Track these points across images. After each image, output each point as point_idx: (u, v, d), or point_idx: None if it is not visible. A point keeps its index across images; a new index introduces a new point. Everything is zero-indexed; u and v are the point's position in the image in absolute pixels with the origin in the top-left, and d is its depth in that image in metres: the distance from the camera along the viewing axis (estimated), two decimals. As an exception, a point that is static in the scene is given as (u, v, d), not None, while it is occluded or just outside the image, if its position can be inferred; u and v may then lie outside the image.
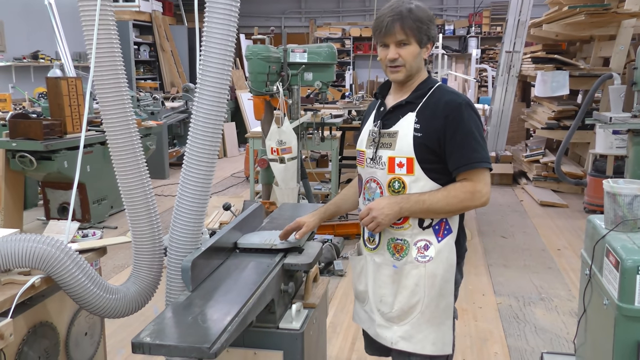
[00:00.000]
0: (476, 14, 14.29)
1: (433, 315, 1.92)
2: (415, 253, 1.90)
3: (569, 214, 6.34)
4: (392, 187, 1.90)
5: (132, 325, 3.44)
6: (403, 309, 1.93)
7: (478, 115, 1.90)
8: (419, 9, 1.87)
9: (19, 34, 8.79)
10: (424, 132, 1.86)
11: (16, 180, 5.57)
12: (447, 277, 1.91)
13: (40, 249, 1.79)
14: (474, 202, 1.86)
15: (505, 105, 7.75)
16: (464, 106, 1.86)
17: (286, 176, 4.68)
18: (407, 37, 1.85)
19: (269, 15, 15.28)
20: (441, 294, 1.91)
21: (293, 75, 4.81)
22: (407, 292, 1.92)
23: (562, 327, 3.62)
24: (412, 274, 1.91)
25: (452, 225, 1.92)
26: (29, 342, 1.94)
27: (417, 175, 1.87)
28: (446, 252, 1.91)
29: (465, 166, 1.84)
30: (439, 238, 1.91)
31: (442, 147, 1.85)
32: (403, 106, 1.93)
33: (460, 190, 1.85)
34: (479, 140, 1.86)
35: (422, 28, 1.85)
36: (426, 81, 1.95)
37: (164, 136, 8.17)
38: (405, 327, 1.94)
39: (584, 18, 6.47)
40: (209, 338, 1.50)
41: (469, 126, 1.85)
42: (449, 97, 1.89)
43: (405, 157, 1.87)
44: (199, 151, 1.97)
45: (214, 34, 1.91)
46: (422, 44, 1.88)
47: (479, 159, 1.84)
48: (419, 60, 1.90)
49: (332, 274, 4.48)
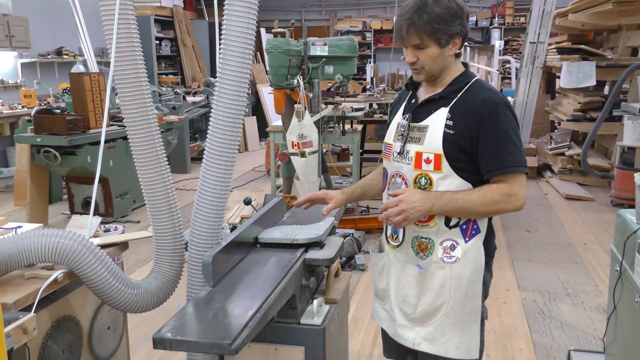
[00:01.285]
0: (499, 4, 14.06)
1: (458, 318, 1.84)
2: (441, 253, 1.82)
3: (595, 208, 6.22)
4: (419, 183, 1.82)
5: (154, 319, 3.46)
6: (427, 311, 1.86)
7: (515, 115, 1.80)
8: (439, 4, 1.73)
9: (43, 30, 8.91)
10: (457, 130, 1.77)
11: (41, 175, 5.66)
12: (475, 278, 1.83)
13: (63, 243, 1.80)
14: (510, 206, 1.78)
15: (529, 97, 7.63)
16: (502, 105, 1.76)
17: (307, 170, 4.66)
18: (422, 41, 1.76)
19: (289, 9, 15.24)
20: (467, 297, 1.83)
21: (314, 68, 4.78)
22: (431, 294, 1.84)
23: (589, 324, 3.55)
24: (438, 274, 1.83)
25: (481, 225, 1.84)
26: (52, 336, 1.96)
27: (445, 172, 1.78)
28: (473, 253, 1.82)
29: (500, 170, 1.76)
30: (467, 238, 1.82)
31: (475, 146, 1.77)
32: (436, 100, 1.84)
33: (497, 192, 1.76)
34: (516, 142, 1.76)
35: (438, 29, 1.73)
36: (462, 75, 1.85)
37: (186, 131, 8.22)
38: (428, 328, 1.87)
39: (611, 7, 6.32)
40: (229, 334, 1.48)
41: (505, 127, 1.75)
42: (486, 94, 1.78)
43: (434, 153, 1.78)
44: (219, 145, 1.96)
45: (233, 28, 1.89)
46: (442, 43, 1.76)
47: (516, 162, 1.76)
48: (441, 59, 1.80)
49: (354, 269, 4.45)
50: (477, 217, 1.82)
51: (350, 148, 6.45)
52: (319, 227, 2.21)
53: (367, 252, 4.81)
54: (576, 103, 7.51)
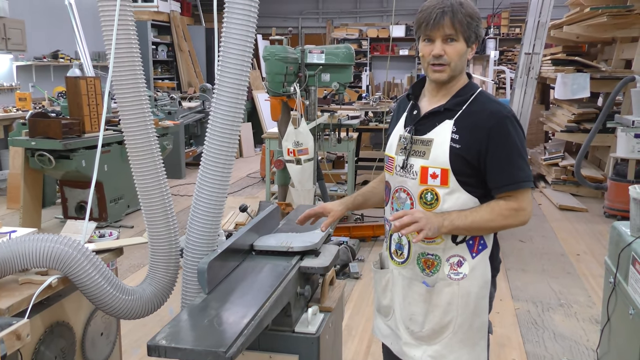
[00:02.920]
0: (495, 15, 14.16)
1: (466, 335, 1.80)
2: (448, 269, 1.78)
3: (588, 219, 6.24)
4: (424, 199, 1.76)
5: (147, 324, 3.45)
6: (434, 329, 1.81)
7: (522, 129, 1.77)
8: (469, 4, 1.72)
9: (39, 33, 8.89)
10: (463, 144, 1.71)
11: (35, 178, 5.63)
12: (482, 294, 1.80)
13: (58, 249, 1.79)
14: (518, 221, 1.74)
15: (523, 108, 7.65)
16: (511, 119, 1.72)
17: (302, 177, 4.66)
18: (455, 33, 1.69)
19: (286, 16, 15.29)
20: (475, 313, 1.79)
21: (310, 76, 4.79)
22: (439, 312, 1.80)
23: (582, 334, 3.56)
24: (445, 291, 1.78)
25: (487, 240, 1.80)
26: (45, 342, 1.94)
27: (452, 188, 1.73)
28: (481, 269, 1.79)
29: (511, 185, 1.72)
30: (473, 254, 1.78)
31: (482, 160, 1.72)
32: (440, 112, 1.77)
33: (506, 208, 1.72)
34: (524, 156, 1.74)
35: (471, 24, 1.71)
36: (467, 86, 1.79)
37: (181, 136, 8.21)
38: (435, 347, 1.81)
39: (606, 19, 6.38)
40: (224, 342, 1.48)
41: (514, 142, 1.71)
42: (494, 107, 1.74)
43: (440, 168, 1.72)
44: (217, 152, 1.96)
45: (232, 35, 1.90)
46: (470, 42, 1.73)
47: (524, 178, 1.72)
48: (464, 60, 1.75)
49: (348, 277, 4.45)
50: (486, 233, 1.79)
51: (346, 156, 6.46)
52: (314, 235, 2.20)
53: (361, 260, 4.81)
54: (570, 114, 7.56)
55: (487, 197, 1.76)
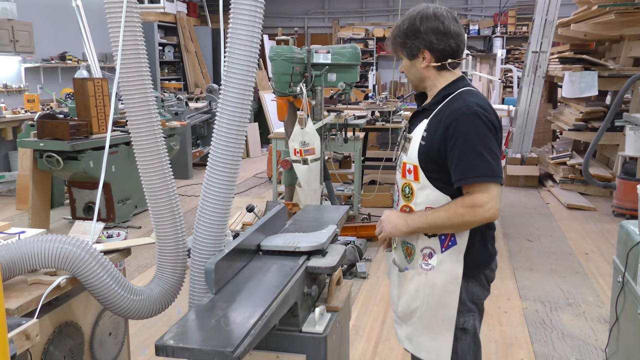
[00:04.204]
0: (502, 13, 14.11)
1: (430, 323, 1.91)
2: (420, 260, 1.90)
3: (597, 218, 6.21)
4: (404, 192, 1.92)
5: (155, 325, 3.46)
6: (405, 312, 1.97)
7: (489, 123, 1.76)
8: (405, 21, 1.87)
9: (47, 35, 8.94)
10: (427, 141, 1.82)
11: (43, 179, 5.67)
12: (449, 288, 1.86)
13: (66, 249, 1.81)
14: (476, 217, 1.75)
15: (531, 107, 7.64)
16: (469, 115, 1.75)
17: (309, 177, 4.67)
18: (395, 53, 1.95)
19: (292, 16, 15.30)
20: (440, 304, 1.87)
21: (317, 76, 4.79)
22: (408, 296, 1.94)
23: (591, 334, 3.54)
24: (415, 279, 1.92)
25: (459, 238, 1.84)
26: (54, 342, 1.96)
27: (422, 183, 1.85)
28: (448, 264, 1.85)
29: (462, 180, 1.76)
30: (443, 249, 1.86)
31: (443, 158, 1.80)
32: (421, 112, 1.94)
33: (461, 204, 1.76)
34: (481, 151, 1.73)
35: (405, 43, 1.87)
36: (447, 87, 1.87)
37: (188, 136, 8.23)
38: (409, 328, 1.98)
39: (614, 17, 6.34)
40: (231, 342, 1.48)
41: (469, 137, 1.74)
42: (456, 105, 1.79)
43: (412, 164, 1.86)
44: (224, 152, 1.96)
45: (238, 35, 1.90)
46: (411, 55, 1.89)
47: (478, 173, 1.73)
48: (414, 71, 1.92)
49: (355, 276, 4.45)
50: (449, 231, 1.84)
51: (352, 156, 6.46)
52: (321, 235, 2.21)
53: (368, 260, 4.81)
54: (578, 113, 7.52)
55: (459, 195, 1.80)
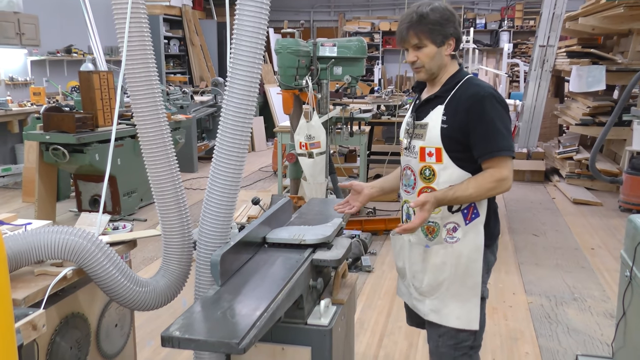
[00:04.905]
0: (509, 7, 14.02)
1: (458, 291, 2.05)
2: (445, 234, 2.05)
3: (603, 213, 6.18)
4: (424, 175, 2.05)
5: (161, 316, 3.48)
6: (432, 285, 2.09)
7: (502, 104, 1.99)
8: (434, 11, 1.97)
9: (53, 28, 8.94)
10: (450, 124, 1.98)
11: (49, 172, 5.69)
12: (474, 257, 2.03)
13: (73, 241, 1.81)
14: (500, 189, 1.97)
15: (537, 101, 7.59)
16: (487, 98, 1.96)
17: (314, 171, 4.66)
18: (420, 41, 1.99)
19: (298, 10, 15.26)
20: (467, 273, 2.04)
21: (322, 69, 4.78)
22: (435, 269, 2.07)
23: (597, 329, 3.53)
24: (440, 253, 2.05)
25: (480, 209, 2.03)
26: (61, 333, 1.97)
27: (445, 164, 2.00)
28: (472, 234, 2.02)
29: (488, 154, 1.96)
30: (467, 221, 2.03)
31: (466, 136, 1.97)
32: (433, 99, 2.06)
33: (489, 179, 1.95)
34: (501, 129, 1.95)
35: (434, 29, 1.97)
36: (455, 75, 2.05)
37: (193, 130, 8.23)
38: (434, 301, 2.10)
39: (622, 11, 6.29)
40: (237, 333, 1.49)
41: (490, 117, 1.95)
42: (473, 89, 1.99)
43: (434, 147, 2.01)
44: (229, 145, 1.96)
45: (244, 29, 1.89)
46: (438, 43, 2.00)
47: (501, 147, 1.95)
48: (439, 58, 2.02)
49: (360, 270, 4.45)
50: (475, 201, 2.00)
51: (358, 149, 6.45)
52: (326, 228, 2.21)
53: (373, 254, 4.81)
54: (585, 107, 7.47)
55: (479, 171, 2.00)
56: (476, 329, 2.07)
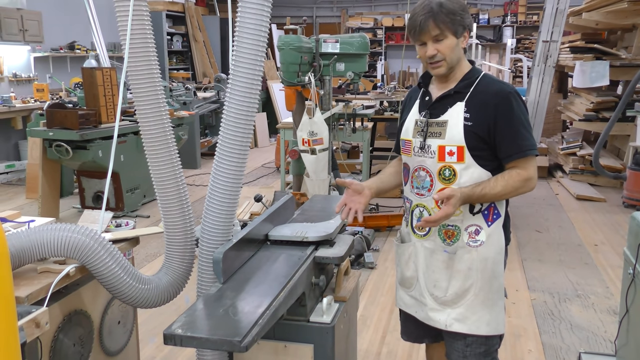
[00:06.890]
0: (512, 2, 13.97)
1: (487, 297, 1.97)
2: (467, 238, 1.95)
3: (606, 209, 6.16)
4: (443, 175, 1.94)
5: (163, 313, 3.48)
6: (457, 293, 1.98)
7: (524, 103, 1.94)
8: (451, 0, 1.88)
9: (56, 25, 8.94)
10: (474, 121, 1.89)
11: (53, 169, 5.70)
12: (498, 259, 1.97)
13: (75, 238, 1.81)
14: (526, 188, 1.93)
15: (541, 97, 7.55)
16: (514, 95, 1.91)
17: (317, 167, 4.66)
18: (441, 32, 1.87)
19: (300, 5, 15.23)
20: (493, 276, 1.97)
21: (325, 65, 4.76)
22: (460, 276, 1.96)
23: (600, 326, 3.52)
24: (465, 258, 1.95)
25: (500, 209, 1.97)
26: (64, 330, 1.97)
27: (467, 163, 1.91)
28: (496, 236, 1.96)
29: (517, 154, 1.90)
30: (489, 223, 1.96)
31: (492, 135, 1.90)
32: (451, 96, 1.95)
33: (517, 179, 1.90)
34: (528, 128, 1.91)
35: (455, 19, 1.87)
36: (472, 71, 1.98)
37: (196, 126, 8.23)
38: (459, 309, 1.98)
39: (626, 6, 6.25)
40: (240, 331, 1.49)
41: (518, 115, 1.90)
42: (498, 86, 1.94)
43: (456, 146, 1.90)
44: (232, 142, 1.96)
45: (247, 25, 1.89)
46: (458, 34, 1.90)
47: (529, 146, 1.90)
48: (458, 51, 1.92)
49: (363, 267, 4.45)
50: (501, 199, 1.95)
51: (361, 146, 6.44)
52: (329, 225, 2.21)
53: (376, 250, 4.80)
54: (589, 103, 7.44)
55: (499, 170, 1.93)
56: (503, 332, 2.03)
